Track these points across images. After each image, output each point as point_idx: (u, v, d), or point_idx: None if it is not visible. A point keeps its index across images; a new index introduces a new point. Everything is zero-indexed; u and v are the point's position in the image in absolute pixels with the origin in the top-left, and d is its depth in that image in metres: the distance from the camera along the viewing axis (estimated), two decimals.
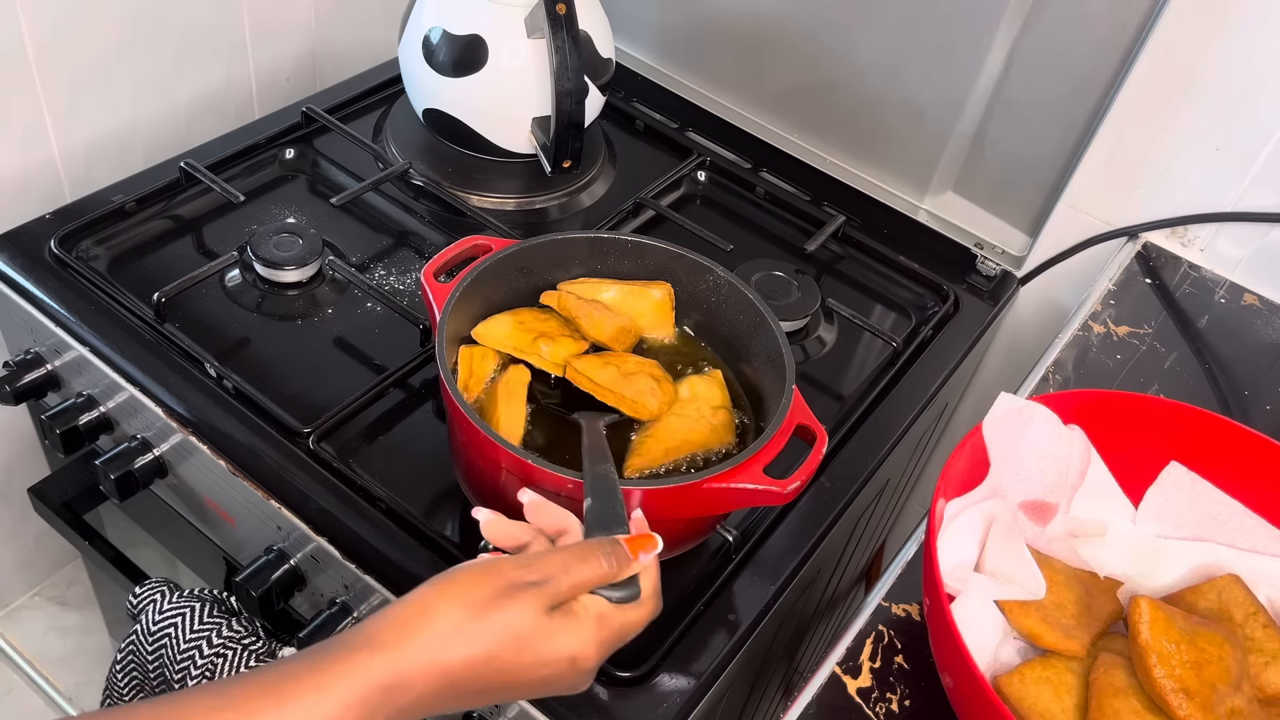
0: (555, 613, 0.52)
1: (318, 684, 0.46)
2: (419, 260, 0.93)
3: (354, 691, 0.47)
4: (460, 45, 0.92)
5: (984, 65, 0.97)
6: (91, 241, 0.89)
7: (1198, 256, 0.97)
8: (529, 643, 0.51)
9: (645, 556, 0.56)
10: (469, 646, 0.49)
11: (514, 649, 0.50)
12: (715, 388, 0.74)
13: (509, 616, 0.50)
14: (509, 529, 0.58)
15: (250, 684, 0.46)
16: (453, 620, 0.50)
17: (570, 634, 0.52)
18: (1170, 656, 0.58)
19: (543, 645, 0.51)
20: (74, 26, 0.92)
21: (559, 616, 0.52)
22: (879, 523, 1.07)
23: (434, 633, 0.49)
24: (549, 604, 0.52)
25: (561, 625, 0.52)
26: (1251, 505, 0.68)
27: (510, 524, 0.59)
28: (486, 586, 0.51)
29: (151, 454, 0.82)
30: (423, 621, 0.49)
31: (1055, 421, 0.68)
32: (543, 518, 0.59)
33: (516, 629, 0.50)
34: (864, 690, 0.63)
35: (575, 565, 0.53)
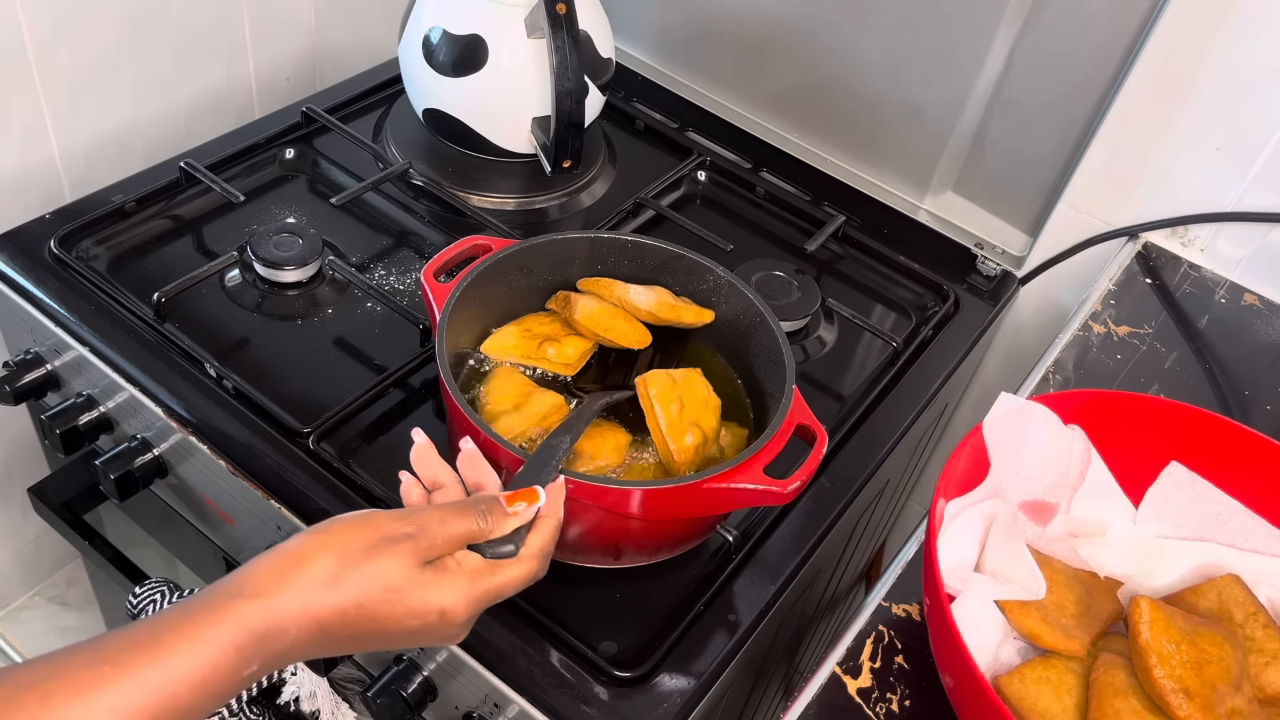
0: (428, 567, 0.54)
1: (193, 633, 0.48)
2: (419, 260, 0.93)
3: (229, 639, 0.48)
4: (460, 45, 0.92)
5: (984, 65, 0.97)
6: (91, 241, 0.88)
7: (1198, 256, 0.97)
8: (399, 594, 0.52)
9: (523, 508, 0.57)
10: (340, 595, 0.51)
11: (383, 600, 0.52)
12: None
13: (381, 567, 0.52)
14: (432, 463, 0.61)
15: (127, 637, 0.47)
16: (326, 569, 0.51)
17: (441, 588, 0.53)
18: (1170, 657, 0.58)
19: (412, 597, 0.53)
20: (74, 26, 0.92)
21: (430, 570, 0.54)
22: (879, 523, 1.07)
23: (306, 581, 0.51)
24: (422, 557, 0.53)
25: (433, 579, 0.53)
26: (1252, 505, 0.68)
27: (436, 459, 0.61)
28: (361, 537, 0.53)
29: (151, 454, 0.82)
30: (296, 570, 0.51)
31: (1055, 421, 0.68)
32: (469, 469, 0.61)
33: (387, 580, 0.52)
34: (864, 690, 0.63)
35: (451, 519, 0.55)
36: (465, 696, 0.70)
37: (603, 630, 0.69)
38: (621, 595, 0.71)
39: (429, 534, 0.54)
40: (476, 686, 0.68)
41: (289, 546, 0.52)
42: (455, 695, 0.71)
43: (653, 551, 0.72)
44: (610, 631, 0.69)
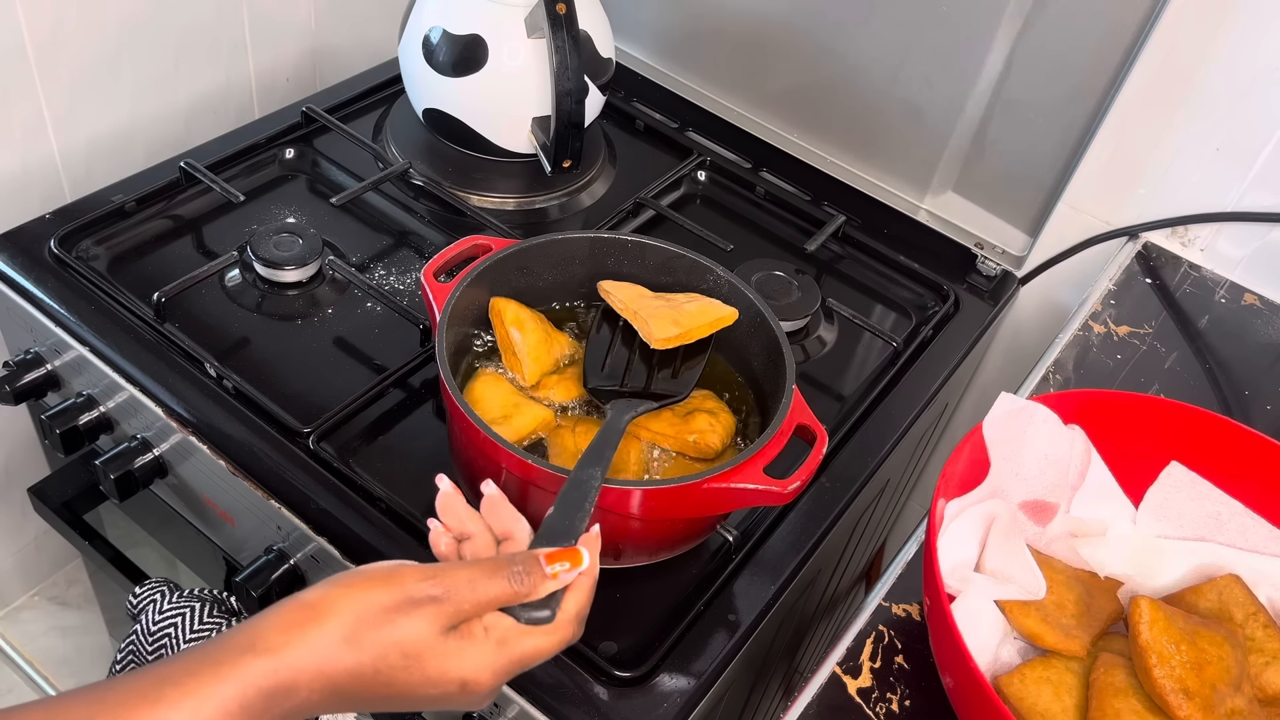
0: (452, 633, 0.49)
1: (197, 688, 0.45)
2: (419, 260, 0.93)
3: (233, 695, 0.45)
4: (460, 45, 0.92)
5: (984, 65, 0.97)
6: (91, 241, 0.88)
7: (1198, 256, 0.97)
8: (418, 661, 0.49)
9: (563, 571, 0.52)
10: (356, 657, 0.48)
11: (402, 666, 0.48)
12: None
13: (401, 632, 0.48)
14: (459, 511, 0.57)
15: (128, 687, 0.45)
16: (342, 627, 0.48)
17: (464, 658, 0.49)
18: (1170, 657, 0.58)
19: (432, 666, 0.49)
20: (74, 26, 0.92)
21: (455, 638, 0.49)
22: (879, 523, 1.07)
23: (321, 639, 0.47)
24: (447, 623, 0.49)
25: (456, 648, 0.49)
26: (1252, 505, 0.68)
27: (464, 506, 0.57)
28: (384, 596, 0.49)
29: (151, 454, 0.82)
30: (311, 626, 0.48)
31: (1055, 421, 0.68)
32: (495, 517, 0.57)
33: (406, 645, 0.48)
34: (864, 690, 0.63)
35: (482, 582, 0.50)
36: None
37: (603, 630, 0.69)
38: (621, 595, 0.71)
39: (456, 597, 0.49)
40: None
41: (307, 598, 0.49)
42: None
43: (653, 551, 0.72)
44: (610, 631, 0.69)
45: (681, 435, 0.70)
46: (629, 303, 0.72)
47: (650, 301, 0.73)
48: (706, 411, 0.72)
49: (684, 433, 0.70)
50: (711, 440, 0.70)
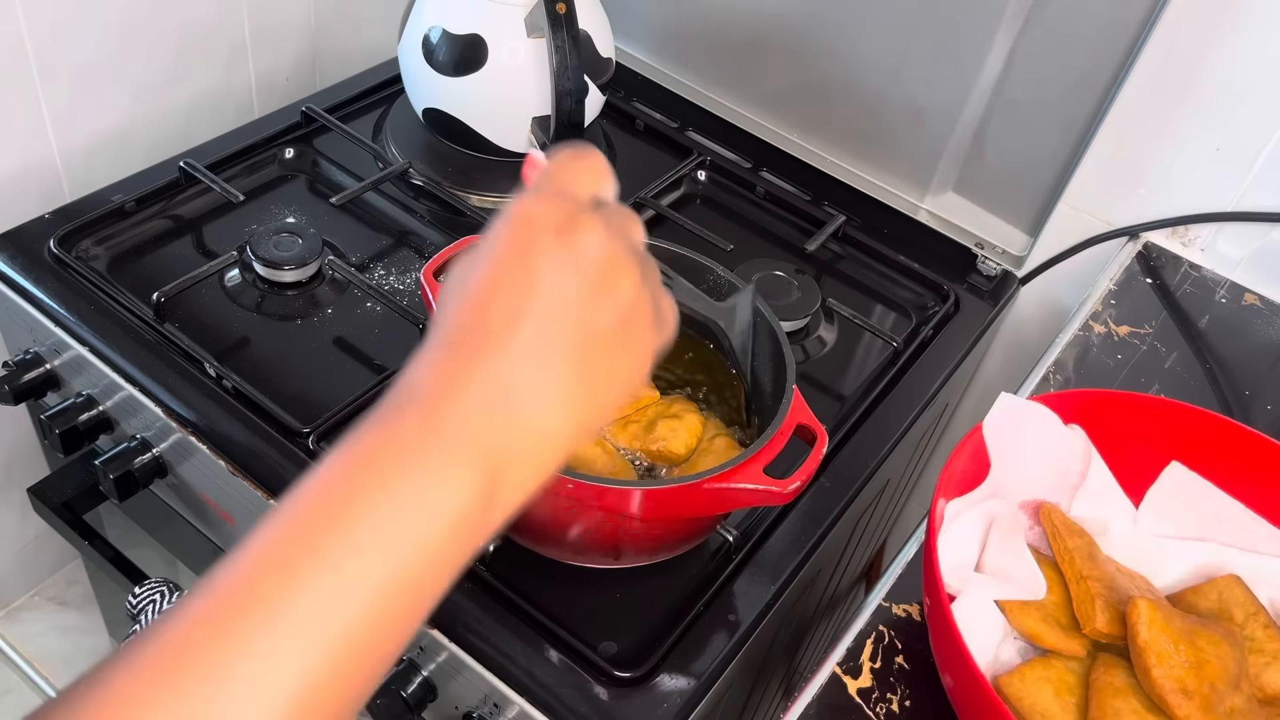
0: None
1: (390, 496, 0.34)
2: (419, 260, 0.93)
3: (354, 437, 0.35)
4: (460, 45, 0.92)
5: (984, 65, 0.97)
6: (91, 241, 0.88)
7: (1198, 256, 0.97)
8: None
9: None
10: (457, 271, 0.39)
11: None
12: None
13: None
14: None
15: (307, 509, 0.35)
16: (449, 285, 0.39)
17: None
18: (1169, 656, 0.58)
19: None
20: (73, 26, 0.92)
21: None
22: (879, 523, 1.07)
23: (437, 312, 0.39)
24: None
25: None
26: (1252, 505, 0.68)
27: None
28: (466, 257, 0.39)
29: (151, 454, 0.82)
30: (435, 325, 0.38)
31: (1056, 421, 0.68)
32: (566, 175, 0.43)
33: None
34: (864, 690, 0.63)
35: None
36: (465, 697, 0.70)
37: (602, 630, 0.69)
38: (621, 595, 0.71)
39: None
40: (476, 687, 0.68)
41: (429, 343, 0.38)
42: (455, 695, 0.71)
43: (653, 552, 0.72)
44: (610, 632, 0.69)
45: (646, 445, 0.70)
46: (633, 446, 0.72)
47: (634, 426, 0.73)
48: (670, 417, 0.72)
49: (648, 442, 0.70)
50: (675, 447, 0.70)
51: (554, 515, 0.66)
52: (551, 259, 0.38)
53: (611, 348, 0.40)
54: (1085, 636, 0.62)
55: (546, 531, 0.69)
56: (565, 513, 0.66)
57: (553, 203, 0.40)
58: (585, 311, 0.39)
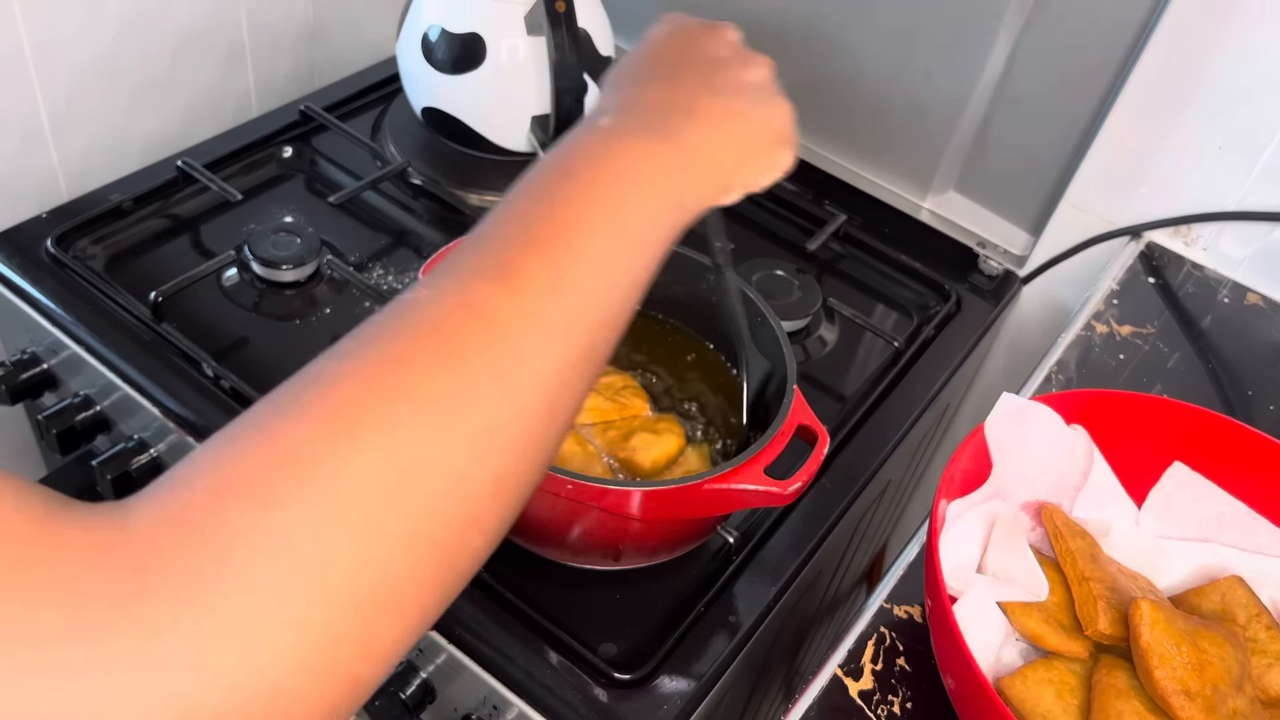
0: None
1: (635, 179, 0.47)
2: (417, 259, 0.92)
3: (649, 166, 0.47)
4: (459, 43, 0.92)
5: (986, 64, 0.97)
6: (88, 241, 0.88)
7: (1201, 256, 0.96)
8: None
9: None
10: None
11: None
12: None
13: None
14: None
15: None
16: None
17: None
18: (1171, 658, 0.57)
19: None
20: (71, 24, 0.92)
21: None
22: (880, 524, 1.07)
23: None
24: None
25: None
26: (1255, 506, 0.68)
27: None
28: None
29: (148, 454, 0.82)
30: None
31: (1058, 421, 0.68)
32: None
33: None
34: (865, 692, 0.62)
35: None
36: (464, 699, 0.70)
37: (602, 632, 0.68)
38: (621, 597, 0.71)
39: None
40: (475, 689, 0.68)
41: None
42: (454, 697, 0.71)
43: (653, 553, 0.71)
44: (610, 633, 0.68)
45: (616, 451, 0.70)
46: (608, 451, 0.72)
47: (613, 432, 0.73)
48: (650, 431, 0.71)
49: (620, 449, 0.70)
50: (641, 459, 0.70)
51: (554, 516, 0.66)
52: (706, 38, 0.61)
53: (765, 106, 0.60)
54: (1087, 638, 0.62)
55: (546, 533, 0.69)
56: (565, 513, 0.65)
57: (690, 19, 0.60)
58: (737, 70, 0.59)
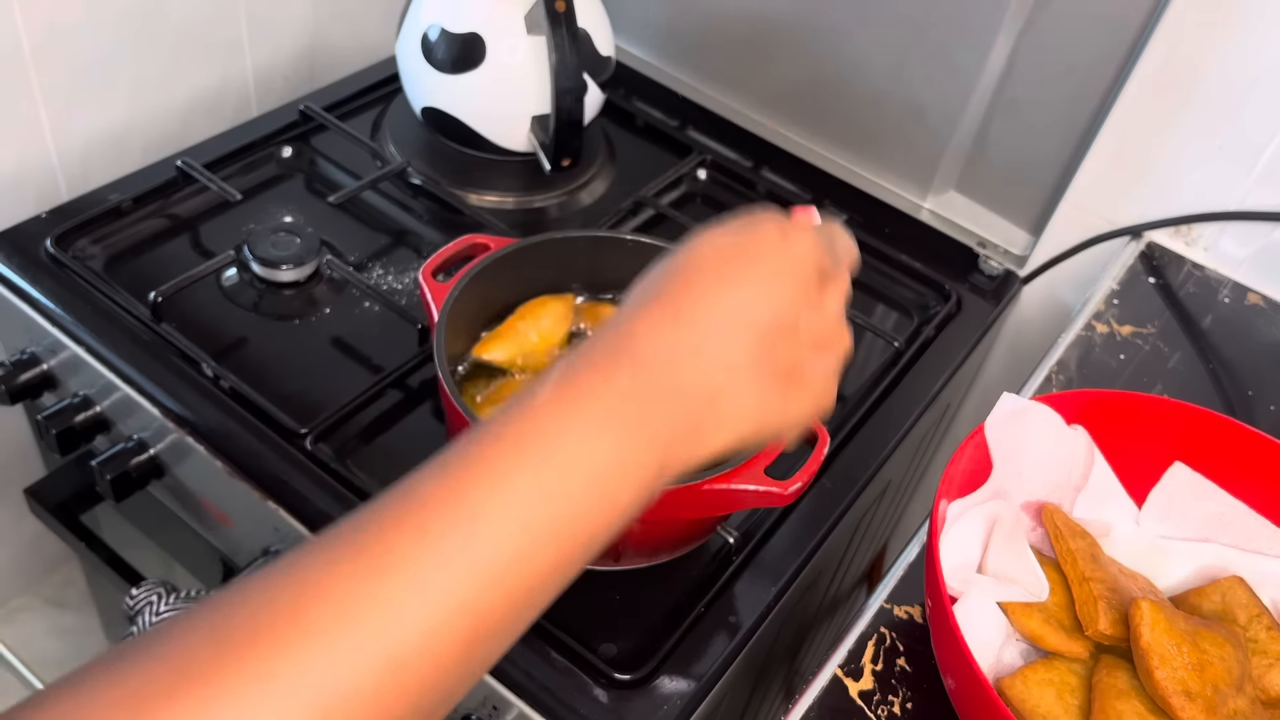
0: None
1: (555, 402, 0.39)
2: (417, 259, 0.92)
3: (579, 364, 0.40)
4: (459, 43, 0.92)
5: (986, 64, 0.97)
6: (88, 240, 0.88)
7: (1201, 256, 0.96)
8: (719, 226, 0.44)
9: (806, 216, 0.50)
10: (664, 259, 0.43)
11: (706, 232, 0.45)
12: None
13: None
14: None
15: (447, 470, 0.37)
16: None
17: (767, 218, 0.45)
18: (1172, 658, 0.57)
19: (737, 223, 0.44)
20: (70, 24, 0.92)
21: None
22: (881, 524, 1.07)
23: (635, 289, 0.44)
24: None
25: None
26: (1256, 506, 0.68)
27: None
28: None
29: (148, 454, 0.82)
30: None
31: (1058, 422, 0.68)
32: None
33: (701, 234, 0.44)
34: (865, 693, 0.62)
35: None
36: (464, 698, 0.70)
37: (602, 632, 0.68)
38: (621, 597, 0.71)
39: None
40: (475, 689, 0.68)
41: None
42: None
43: (653, 553, 0.71)
44: (610, 634, 0.68)
45: None
46: None
47: None
48: None
49: None
50: None
51: None
52: (778, 264, 0.44)
53: (799, 370, 0.45)
54: (1088, 638, 0.62)
55: None
56: None
57: (809, 240, 0.45)
58: (808, 349, 0.44)
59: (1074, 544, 0.64)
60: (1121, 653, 0.61)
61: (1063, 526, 0.65)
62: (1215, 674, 0.57)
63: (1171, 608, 0.61)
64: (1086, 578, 0.62)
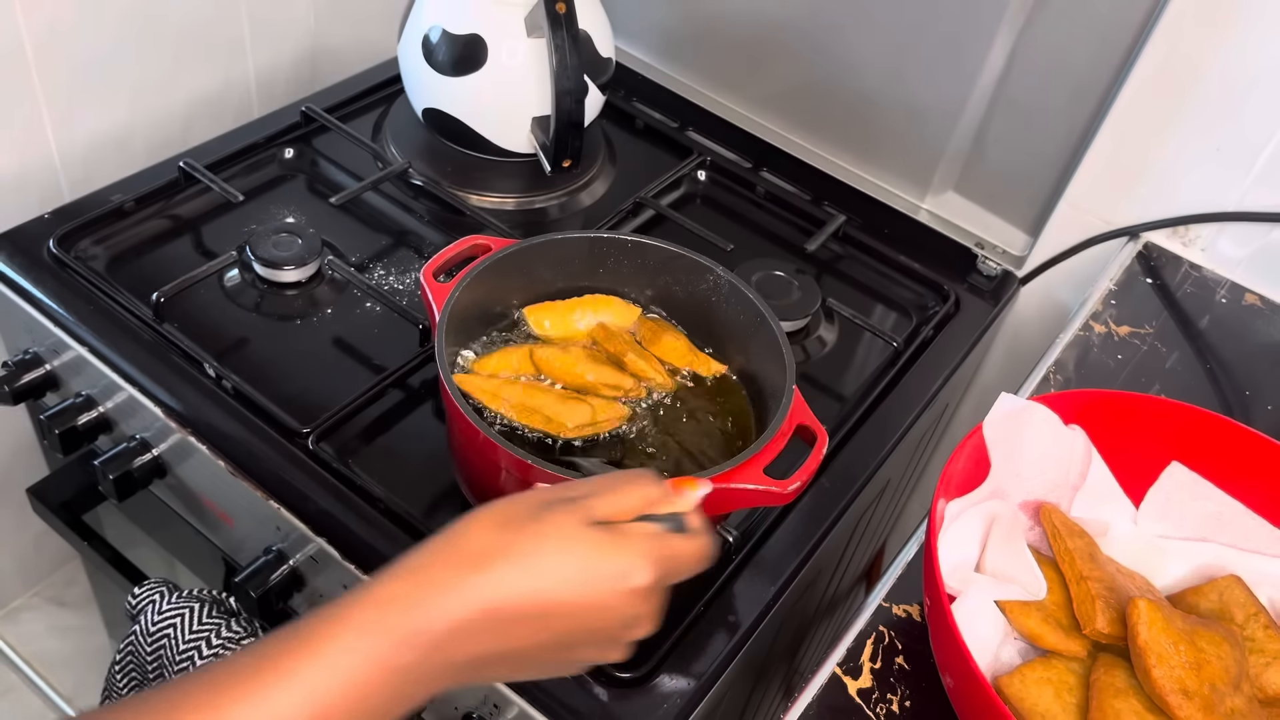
0: (598, 527, 0.47)
1: (334, 630, 0.42)
2: (418, 260, 0.93)
3: (375, 631, 0.42)
4: (460, 44, 0.92)
5: (985, 64, 0.97)
6: (90, 241, 0.88)
7: (1199, 256, 0.97)
8: (570, 555, 0.45)
9: (692, 493, 0.51)
10: (504, 561, 0.44)
11: (556, 562, 0.45)
12: None
13: (546, 528, 0.45)
14: None
15: (263, 646, 0.42)
16: (485, 539, 0.45)
17: (618, 547, 0.46)
18: (1169, 657, 0.57)
19: (586, 557, 0.45)
20: (72, 26, 0.92)
21: (602, 529, 0.46)
22: (880, 523, 1.07)
23: (463, 553, 0.44)
24: (589, 518, 0.47)
25: (607, 538, 0.46)
26: (1253, 506, 0.68)
27: None
28: (520, 506, 0.46)
29: (150, 454, 0.82)
30: (451, 546, 0.45)
31: (1056, 421, 0.68)
32: None
33: (555, 540, 0.45)
34: (864, 691, 0.63)
35: (620, 485, 0.49)
36: (465, 697, 0.70)
37: None
38: None
39: (592, 500, 0.47)
40: (476, 687, 0.68)
41: (445, 529, 0.46)
42: (455, 696, 0.71)
43: None
44: None
45: (541, 408, 0.70)
46: (527, 400, 0.70)
47: (547, 395, 0.72)
48: (589, 397, 0.71)
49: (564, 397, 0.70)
50: (563, 419, 0.69)
51: None
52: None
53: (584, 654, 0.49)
54: (1085, 637, 0.62)
55: None
56: None
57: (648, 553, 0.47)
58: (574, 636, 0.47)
59: (1072, 543, 0.65)
60: (1119, 651, 0.61)
61: (1060, 526, 0.66)
62: (1212, 672, 0.57)
63: (1169, 607, 0.61)
64: (1084, 577, 0.62)
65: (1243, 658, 0.60)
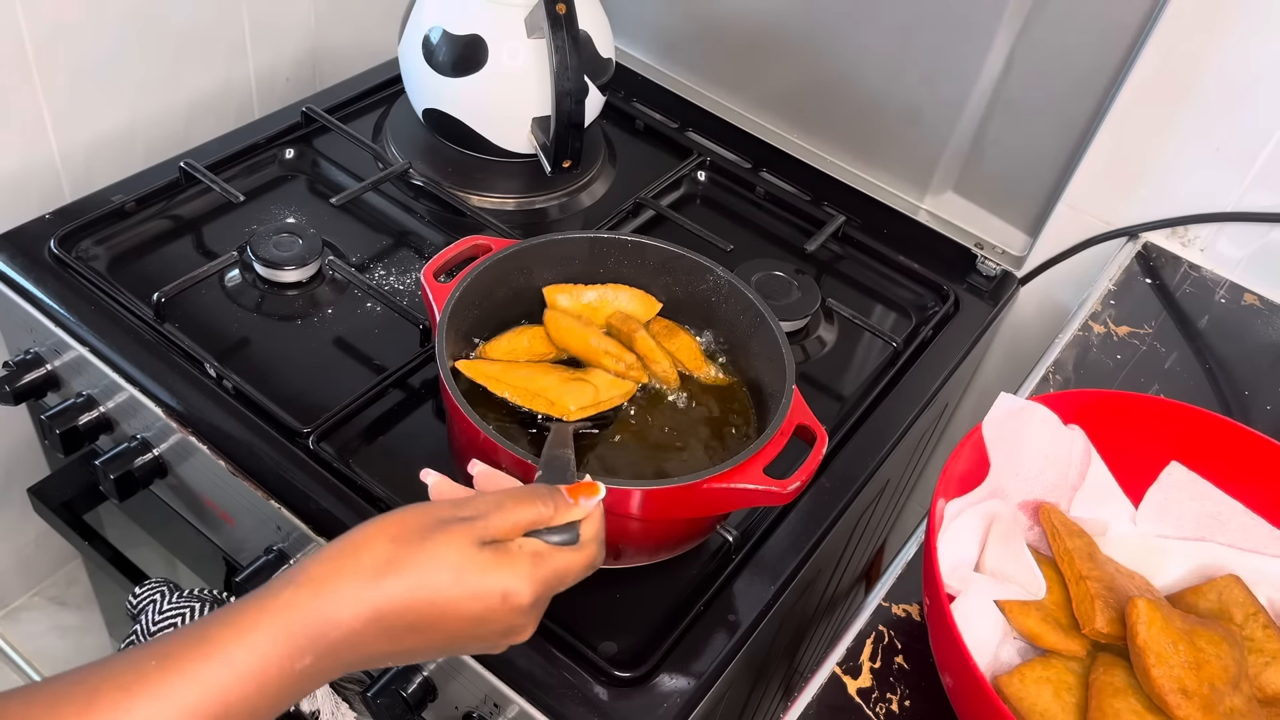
0: (487, 547, 0.51)
1: (243, 624, 0.46)
2: (419, 260, 0.93)
3: (279, 628, 0.46)
4: (460, 45, 0.92)
5: (984, 65, 0.97)
6: (91, 241, 0.88)
7: (1198, 256, 0.97)
8: (459, 574, 0.50)
9: (586, 501, 0.55)
10: (397, 578, 0.49)
11: (445, 580, 0.50)
12: None
13: (438, 547, 0.50)
14: (456, 492, 0.59)
15: (178, 635, 0.46)
16: (381, 553, 0.49)
17: (502, 568, 0.51)
18: (1168, 656, 0.58)
19: (472, 577, 0.50)
20: (74, 26, 0.92)
21: (490, 550, 0.51)
22: (879, 523, 1.07)
23: (361, 566, 0.49)
24: (480, 538, 0.51)
25: (492, 559, 0.51)
26: (1252, 505, 0.68)
27: (458, 487, 0.59)
28: (416, 521, 0.51)
29: (151, 454, 0.82)
30: (350, 557, 0.49)
31: (1055, 421, 0.68)
32: (490, 487, 0.59)
33: (446, 559, 0.50)
34: (864, 690, 0.63)
35: (510, 504, 0.53)
36: (465, 697, 0.70)
37: (603, 630, 0.69)
38: (621, 595, 0.71)
39: (486, 518, 0.52)
40: (476, 687, 0.68)
41: (345, 536, 0.50)
42: (455, 695, 0.71)
43: (652, 551, 0.72)
44: (610, 632, 0.69)
45: (542, 392, 0.70)
46: (528, 384, 0.71)
47: (549, 376, 0.72)
48: (591, 375, 0.71)
49: (568, 378, 0.70)
50: (565, 401, 0.69)
51: None
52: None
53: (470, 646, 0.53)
54: (1085, 636, 0.62)
55: None
56: None
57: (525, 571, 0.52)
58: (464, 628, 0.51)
59: (1071, 543, 0.65)
60: (1118, 651, 0.61)
61: (1060, 525, 0.66)
62: (1212, 672, 0.58)
63: (1168, 606, 0.61)
64: (1083, 576, 0.63)
65: (1242, 657, 0.60)
